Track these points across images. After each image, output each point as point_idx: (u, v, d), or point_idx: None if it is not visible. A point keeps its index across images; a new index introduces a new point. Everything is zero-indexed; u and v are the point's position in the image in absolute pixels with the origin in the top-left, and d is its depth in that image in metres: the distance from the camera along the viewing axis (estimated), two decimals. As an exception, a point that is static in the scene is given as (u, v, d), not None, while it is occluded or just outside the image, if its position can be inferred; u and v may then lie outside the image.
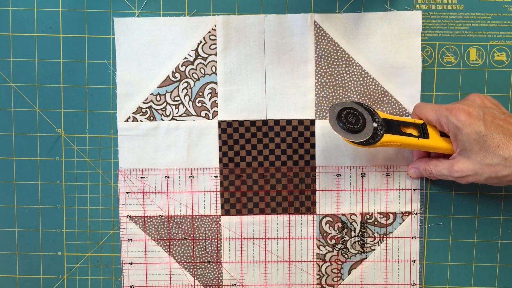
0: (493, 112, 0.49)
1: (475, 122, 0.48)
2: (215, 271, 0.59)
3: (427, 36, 0.56)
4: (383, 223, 0.57)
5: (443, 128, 0.51)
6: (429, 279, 0.58)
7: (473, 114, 0.48)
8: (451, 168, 0.50)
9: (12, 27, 0.56)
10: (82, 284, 0.59)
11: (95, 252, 0.59)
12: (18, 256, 0.59)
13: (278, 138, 0.57)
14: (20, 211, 0.58)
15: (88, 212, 0.58)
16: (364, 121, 0.50)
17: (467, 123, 0.48)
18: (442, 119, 0.50)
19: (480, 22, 0.56)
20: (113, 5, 0.56)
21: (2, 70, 0.57)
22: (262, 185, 0.57)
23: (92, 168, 0.58)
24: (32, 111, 0.57)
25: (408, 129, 0.52)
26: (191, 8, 0.56)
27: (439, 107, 0.51)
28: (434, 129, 0.52)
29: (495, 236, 0.58)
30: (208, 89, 0.57)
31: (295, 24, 0.55)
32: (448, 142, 0.51)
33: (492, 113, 0.49)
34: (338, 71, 0.56)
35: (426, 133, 0.51)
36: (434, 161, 0.53)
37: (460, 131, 0.48)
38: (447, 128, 0.50)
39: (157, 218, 0.58)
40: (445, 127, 0.50)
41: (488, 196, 0.57)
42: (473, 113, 0.48)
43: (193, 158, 0.57)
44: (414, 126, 0.52)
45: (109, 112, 0.57)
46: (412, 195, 0.57)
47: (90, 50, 0.56)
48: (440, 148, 0.51)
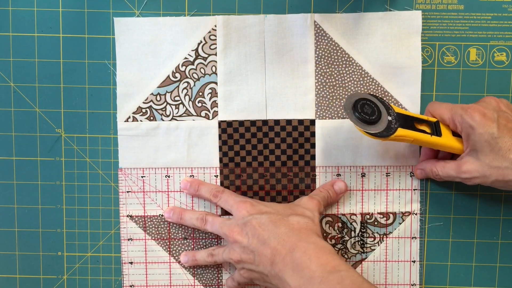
0: (507, 116, 0.49)
1: (489, 123, 0.48)
2: (215, 271, 0.59)
3: (427, 36, 0.56)
4: (383, 223, 0.58)
5: (456, 127, 0.51)
6: (429, 279, 0.58)
7: (487, 116, 0.48)
8: (459, 169, 0.50)
9: (12, 27, 0.56)
10: (82, 284, 0.59)
11: (95, 252, 0.59)
12: (18, 256, 0.59)
13: (278, 138, 0.57)
14: (20, 211, 0.58)
15: (88, 212, 0.58)
16: (380, 113, 0.50)
17: (481, 124, 0.48)
18: (457, 118, 0.50)
19: (480, 22, 0.56)
20: (113, 5, 0.56)
21: (2, 70, 0.57)
22: (262, 185, 0.57)
23: (92, 168, 0.58)
24: (32, 111, 0.57)
25: (421, 125, 0.52)
26: (191, 8, 0.56)
27: (454, 106, 0.51)
28: (446, 128, 0.52)
29: (495, 236, 0.58)
30: (208, 89, 0.57)
31: (295, 24, 0.55)
32: (460, 142, 0.51)
33: (506, 117, 0.49)
34: (338, 71, 0.56)
35: (439, 131, 0.51)
36: (441, 163, 0.53)
37: (474, 130, 0.48)
38: (460, 127, 0.50)
39: (157, 217, 0.58)
40: (458, 126, 0.50)
41: (488, 196, 0.57)
42: (487, 114, 0.48)
43: (193, 158, 0.57)
44: (427, 124, 0.52)
45: (109, 112, 0.57)
46: (412, 195, 0.57)
47: (90, 50, 0.56)
48: (452, 147, 0.51)
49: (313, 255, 0.47)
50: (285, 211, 0.52)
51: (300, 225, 0.50)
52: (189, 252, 0.57)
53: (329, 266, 0.46)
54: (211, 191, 0.55)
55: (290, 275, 0.47)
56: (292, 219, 0.51)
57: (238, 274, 0.53)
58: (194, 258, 0.56)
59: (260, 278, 0.51)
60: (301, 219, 0.51)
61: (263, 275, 0.50)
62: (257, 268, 0.50)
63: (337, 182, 0.56)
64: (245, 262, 0.51)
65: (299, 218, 0.51)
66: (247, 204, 0.53)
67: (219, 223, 0.54)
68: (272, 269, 0.48)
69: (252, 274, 0.51)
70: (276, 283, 0.49)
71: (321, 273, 0.45)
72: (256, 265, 0.50)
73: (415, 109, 0.56)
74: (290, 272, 0.47)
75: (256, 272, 0.50)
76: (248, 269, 0.51)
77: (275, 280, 0.48)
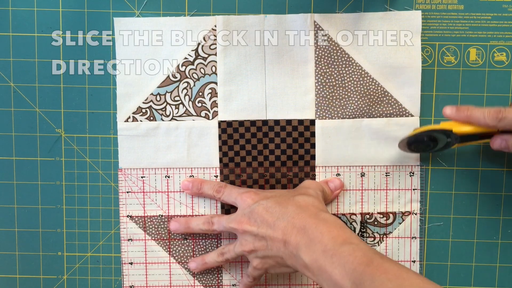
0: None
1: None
2: (215, 271, 0.59)
3: (427, 36, 0.56)
4: (383, 223, 0.58)
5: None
6: (429, 279, 0.58)
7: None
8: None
9: (12, 27, 0.56)
10: (82, 284, 0.59)
11: (95, 252, 0.59)
12: (18, 256, 0.59)
13: (278, 138, 0.57)
14: (20, 211, 0.58)
15: (88, 212, 0.58)
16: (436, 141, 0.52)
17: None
18: None
19: (480, 22, 0.56)
20: (113, 5, 0.56)
21: (2, 70, 0.57)
22: (262, 185, 0.57)
23: (92, 168, 0.58)
24: (32, 111, 0.57)
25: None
26: (191, 8, 0.56)
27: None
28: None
29: (495, 236, 0.58)
30: (208, 89, 0.57)
31: (295, 24, 0.55)
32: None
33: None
34: (338, 71, 0.56)
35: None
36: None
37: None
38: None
39: (157, 217, 0.58)
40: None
41: (488, 196, 0.57)
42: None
43: (193, 158, 0.57)
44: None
45: (109, 112, 0.57)
46: (412, 195, 0.57)
47: (90, 50, 0.56)
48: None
49: (325, 229, 0.47)
50: (290, 193, 0.53)
51: (306, 203, 0.50)
52: (198, 257, 0.57)
53: (341, 239, 0.46)
54: (214, 187, 0.56)
55: (303, 251, 0.47)
56: (297, 198, 0.51)
57: (252, 268, 0.53)
58: (204, 262, 0.56)
59: (275, 263, 0.51)
60: (306, 198, 0.51)
61: (278, 258, 0.50)
62: (271, 253, 0.50)
63: (333, 179, 0.56)
64: (259, 250, 0.50)
65: (304, 197, 0.51)
66: (251, 193, 0.53)
67: (225, 219, 0.54)
68: (286, 249, 0.48)
69: (266, 261, 0.51)
70: (291, 263, 0.49)
71: (333, 246, 0.46)
72: (269, 249, 0.50)
73: (415, 110, 0.56)
74: (304, 248, 0.47)
75: (270, 258, 0.50)
76: (262, 256, 0.51)
77: (291, 260, 0.48)
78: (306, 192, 0.53)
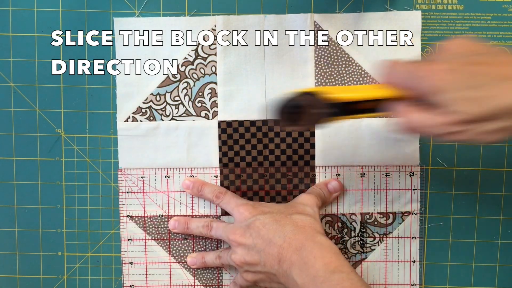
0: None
1: None
2: (215, 271, 0.59)
3: (427, 36, 0.56)
4: (383, 223, 0.58)
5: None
6: (429, 279, 0.58)
7: None
8: None
9: (12, 27, 0.56)
10: (82, 284, 0.59)
11: (95, 252, 0.59)
12: (18, 256, 0.59)
13: (278, 138, 0.57)
14: (20, 211, 0.58)
15: (88, 212, 0.58)
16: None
17: None
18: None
19: (480, 22, 0.56)
20: (113, 5, 0.56)
21: (2, 70, 0.57)
22: (262, 185, 0.57)
23: (92, 168, 0.58)
24: (32, 111, 0.57)
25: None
26: (191, 8, 0.56)
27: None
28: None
29: (495, 236, 0.58)
30: (208, 89, 0.57)
31: (295, 24, 0.55)
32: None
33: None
34: (338, 71, 0.56)
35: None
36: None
37: None
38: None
39: (157, 218, 0.58)
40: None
41: (488, 196, 0.57)
42: None
43: (193, 158, 0.57)
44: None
45: (109, 112, 0.57)
46: (412, 195, 0.57)
47: (90, 50, 0.56)
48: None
49: (318, 254, 0.47)
50: (287, 210, 0.52)
51: (304, 223, 0.50)
52: (198, 254, 0.57)
53: (332, 266, 0.46)
54: (214, 192, 0.56)
55: (297, 273, 0.47)
56: (295, 217, 0.51)
57: (241, 278, 0.53)
58: (203, 260, 0.57)
59: (267, 278, 0.51)
60: (304, 218, 0.51)
61: (271, 275, 0.50)
62: (264, 269, 0.50)
63: (331, 181, 0.56)
64: (250, 264, 0.51)
65: (302, 216, 0.51)
66: (248, 206, 0.53)
67: (222, 228, 0.54)
68: (280, 267, 0.48)
69: (257, 276, 0.51)
70: (284, 281, 0.49)
71: (324, 273, 0.46)
72: (262, 265, 0.50)
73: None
74: (297, 270, 0.47)
75: (262, 273, 0.51)
76: (254, 271, 0.51)
77: (283, 278, 0.49)
78: (304, 210, 0.52)
